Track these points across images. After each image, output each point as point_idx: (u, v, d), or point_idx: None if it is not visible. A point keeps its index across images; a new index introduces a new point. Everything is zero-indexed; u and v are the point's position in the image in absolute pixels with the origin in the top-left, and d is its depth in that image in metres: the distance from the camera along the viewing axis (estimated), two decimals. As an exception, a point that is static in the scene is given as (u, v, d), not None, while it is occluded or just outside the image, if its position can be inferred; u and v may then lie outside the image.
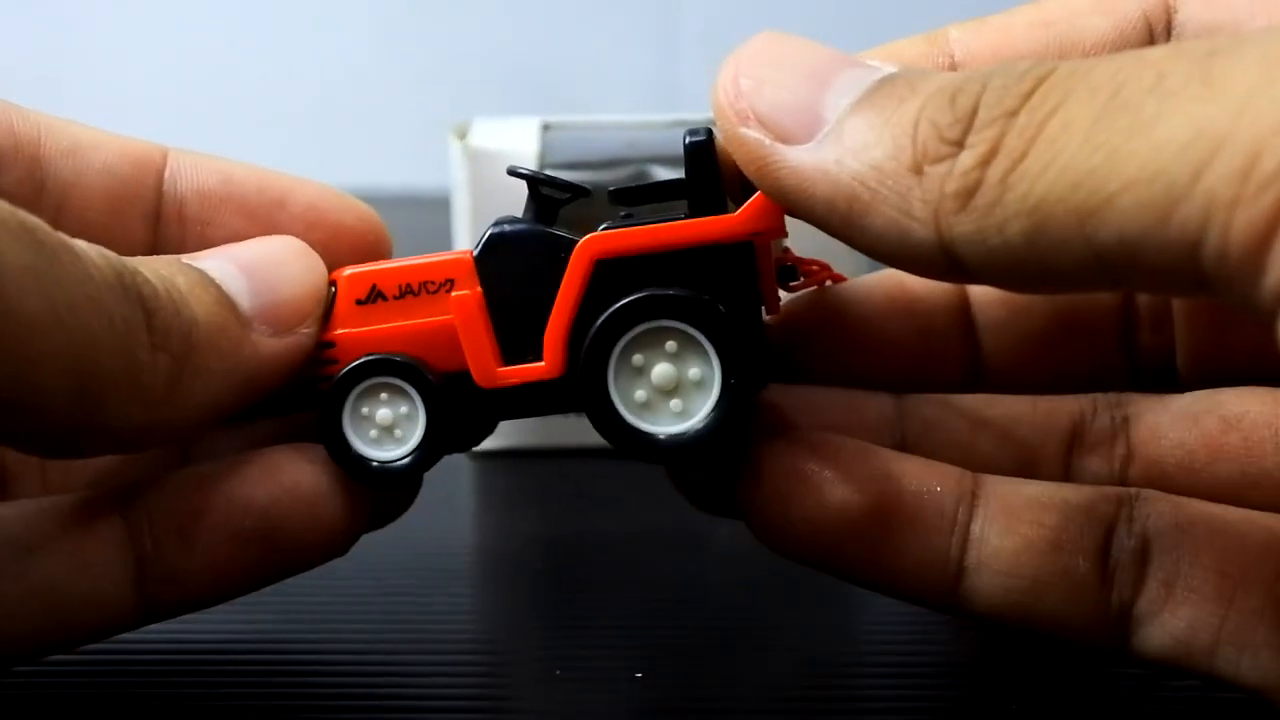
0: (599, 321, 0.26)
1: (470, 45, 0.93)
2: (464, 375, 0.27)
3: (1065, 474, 0.29)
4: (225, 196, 0.29)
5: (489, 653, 0.30)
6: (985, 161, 0.21)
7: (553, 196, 0.27)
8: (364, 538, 0.27)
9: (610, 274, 0.26)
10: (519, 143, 0.35)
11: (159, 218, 0.29)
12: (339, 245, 0.29)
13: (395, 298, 0.27)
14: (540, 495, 0.40)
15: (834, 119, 0.23)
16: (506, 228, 0.26)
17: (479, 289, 0.27)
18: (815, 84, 0.23)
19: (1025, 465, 0.28)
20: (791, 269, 0.28)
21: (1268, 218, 0.19)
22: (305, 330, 0.26)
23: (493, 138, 0.35)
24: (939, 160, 0.22)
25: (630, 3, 0.89)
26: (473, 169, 0.34)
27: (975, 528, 0.25)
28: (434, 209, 0.44)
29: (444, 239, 0.37)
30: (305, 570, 0.27)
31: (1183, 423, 0.28)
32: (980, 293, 0.29)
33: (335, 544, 0.27)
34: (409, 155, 0.79)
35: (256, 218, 0.29)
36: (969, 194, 0.21)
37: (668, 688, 0.28)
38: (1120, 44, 0.26)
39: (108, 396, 0.22)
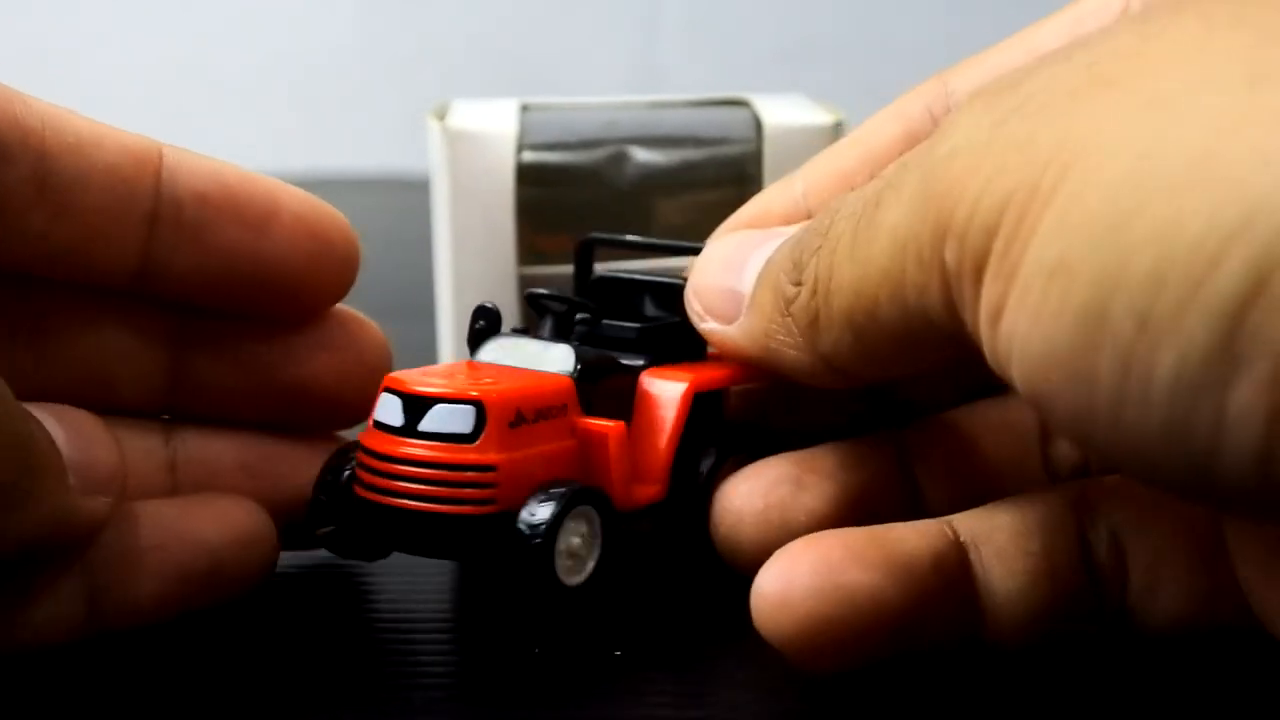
0: (714, 451, 0.31)
1: (452, 28, 0.93)
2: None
3: (1045, 464, 0.31)
4: (221, 203, 0.29)
5: (469, 629, 0.30)
6: (814, 290, 0.26)
7: (562, 312, 0.30)
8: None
9: (698, 406, 0.30)
10: (498, 124, 0.35)
11: (155, 220, 0.29)
12: (323, 260, 0.30)
13: (532, 422, 0.28)
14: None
15: (747, 298, 0.29)
16: (590, 355, 0.29)
17: (584, 413, 0.29)
18: (734, 273, 0.29)
19: (1018, 462, 0.31)
20: None
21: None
22: (106, 500, 0.27)
23: (471, 119, 0.34)
24: (792, 300, 0.27)
25: (611, -15, 0.89)
26: (452, 150, 0.34)
27: (979, 577, 0.26)
28: (416, 191, 0.44)
29: (424, 220, 0.37)
30: (231, 598, 0.30)
31: None
32: None
33: (261, 578, 0.30)
34: (391, 137, 0.79)
35: (249, 227, 0.29)
36: (815, 317, 0.26)
37: (648, 665, 0.28)
38: (909, 142, 0.29)
39: None
